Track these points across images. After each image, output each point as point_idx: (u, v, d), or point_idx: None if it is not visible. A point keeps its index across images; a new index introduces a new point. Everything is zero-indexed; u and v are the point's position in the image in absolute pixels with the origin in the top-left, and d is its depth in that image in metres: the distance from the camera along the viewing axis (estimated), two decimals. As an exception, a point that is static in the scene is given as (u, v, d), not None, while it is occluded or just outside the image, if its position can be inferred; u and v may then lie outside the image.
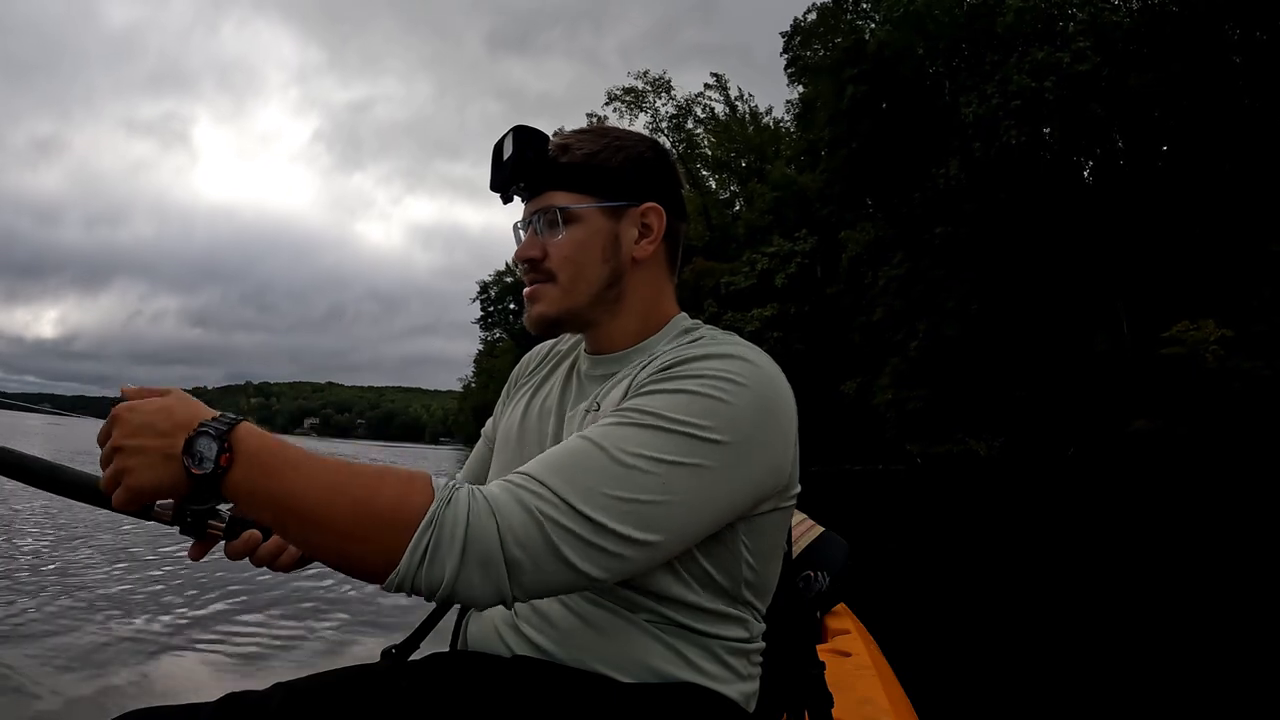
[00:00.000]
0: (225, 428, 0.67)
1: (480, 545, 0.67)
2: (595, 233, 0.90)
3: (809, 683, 0.99)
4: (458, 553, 0.66)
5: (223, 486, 0.67)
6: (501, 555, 0.67)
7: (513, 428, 1.01)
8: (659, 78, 44.29)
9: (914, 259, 24.74)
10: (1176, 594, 6.06)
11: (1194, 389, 19.99)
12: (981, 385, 23.42)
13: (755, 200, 35.61)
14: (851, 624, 1.70)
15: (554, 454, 0.74)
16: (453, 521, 0.66)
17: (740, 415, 0.76)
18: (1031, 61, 22.23)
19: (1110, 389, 21.83)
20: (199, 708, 0.73)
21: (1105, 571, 7.24)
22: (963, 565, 7.45)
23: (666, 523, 0.72)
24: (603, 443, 0.73)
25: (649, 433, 0.73)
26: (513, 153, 0.89)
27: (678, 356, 0.81)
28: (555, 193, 0.90)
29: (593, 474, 0.71)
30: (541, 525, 0.68)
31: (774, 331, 29.19)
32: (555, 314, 0.92)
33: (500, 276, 69.03)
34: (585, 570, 0.70)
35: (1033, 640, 4.33)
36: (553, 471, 0.71)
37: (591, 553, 0.70)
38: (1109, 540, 9.88)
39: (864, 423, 26.66)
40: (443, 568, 0.66)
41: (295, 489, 0.67)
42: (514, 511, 0.68)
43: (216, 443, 0.66)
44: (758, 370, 0.79)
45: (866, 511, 13.02)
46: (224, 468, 0.66)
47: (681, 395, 0.76)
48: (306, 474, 0.67)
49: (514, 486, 0.71)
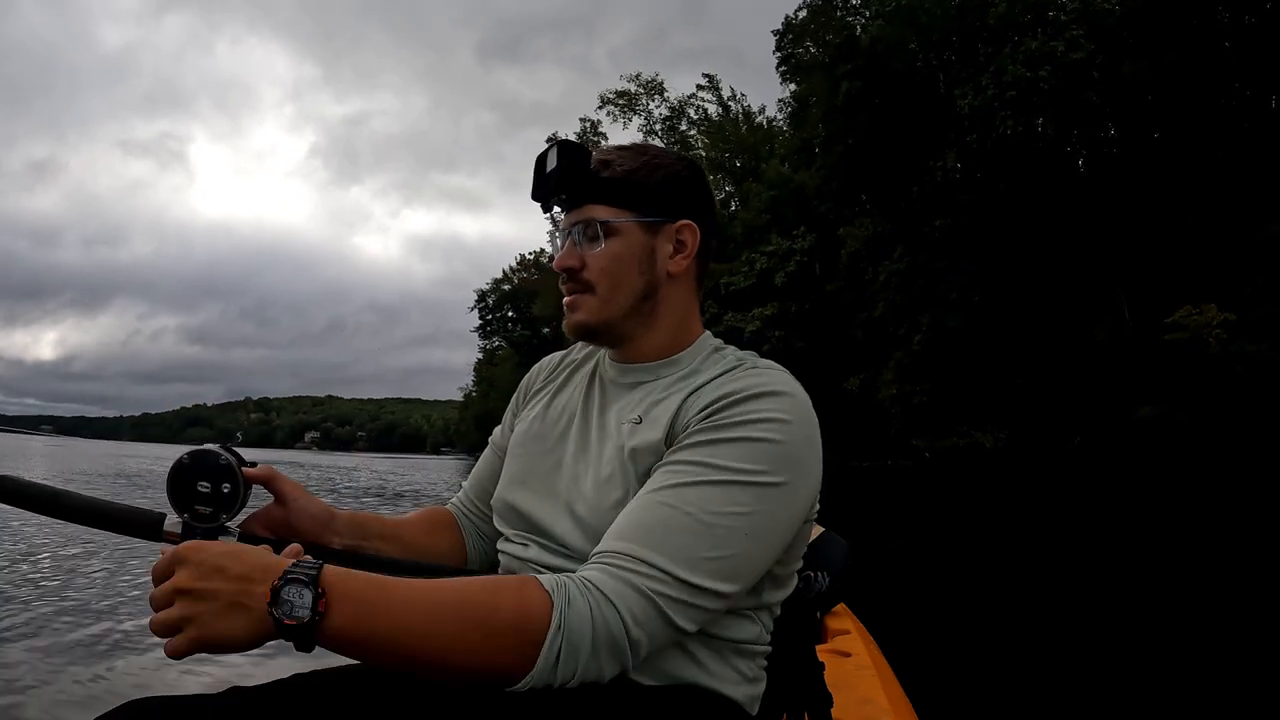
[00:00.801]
0: (315, 572, 0.66)
1: (608, 638, 0.72)
2: (633, 246, 0.93)
3: (809, 683, 1.02)
4: (588, 649, 0.71)
5: (318, 634, 0.66)
6: (627, 642, 0.73)
7: (531, 430, 1.03)
8: (651, 80, 44.39)
9: (914, 253, 24.73)
10: (1182, 586, 5.99)
11: (1197, 374, 20.00)
12: (986, 377, 23.39)
13: (751, 199, 35.58)
14: (851, 624, 1.71)
15: (641, 525, 0.78)
16: (579, 623, 0.71)
17: (793, 453, 0.81)
18: (1025, 51, 22.24)
19: (1114, 376, 21.82)
20: (202, 699, 0.74)
21: (1110, 565, 7.19)
22: (964, 564, 7.39)
23: (748, 569, 0.79)
24: (684, 506, 0.77)
25: (722, 489, 0.78)
26: (557, 165, 0.91)
27: (724, 395, 0.84)
28: (596, 206, 0.93)
29: (686, 541, 0.76)
30: (656, 604, 0.74)
31: (775, 331, 29.14)
32: (593, 323, 0.95)
33: (498, 284, 68.69)
34: (684, 627, 0.76)
35: (1034, 639, 4.27)
36: (649, 547, 0.76)
37: (692, 612, 0.76)
38: (1115, 531, 9.84)
39: (868, 419, 26.60)
40: (575, 663, 0.71)
41: (405, 625, 0.68)
42: (631, 598, 0.73)
43: (310, 589, 0.65)
44: (798, 404, 0.84)
45: (875, 509, 12.99)
46: (320, 614, 0.66)
47: (742, 444, 0.80)
48: (414, 608, 0.69)
49: (621, 571, 0.75)
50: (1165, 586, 6.03)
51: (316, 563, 0.68)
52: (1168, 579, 6.39)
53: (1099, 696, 3.22)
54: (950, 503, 14.89)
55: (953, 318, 23.28)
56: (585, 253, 0.93)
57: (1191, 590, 5.85)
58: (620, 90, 44.27)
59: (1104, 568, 7.04)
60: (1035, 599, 5.47)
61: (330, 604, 0.66)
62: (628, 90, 44.21)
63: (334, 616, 0.66)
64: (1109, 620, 4.81)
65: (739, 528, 0.77)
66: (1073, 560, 7.53)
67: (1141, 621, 4.78)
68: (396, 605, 0.68)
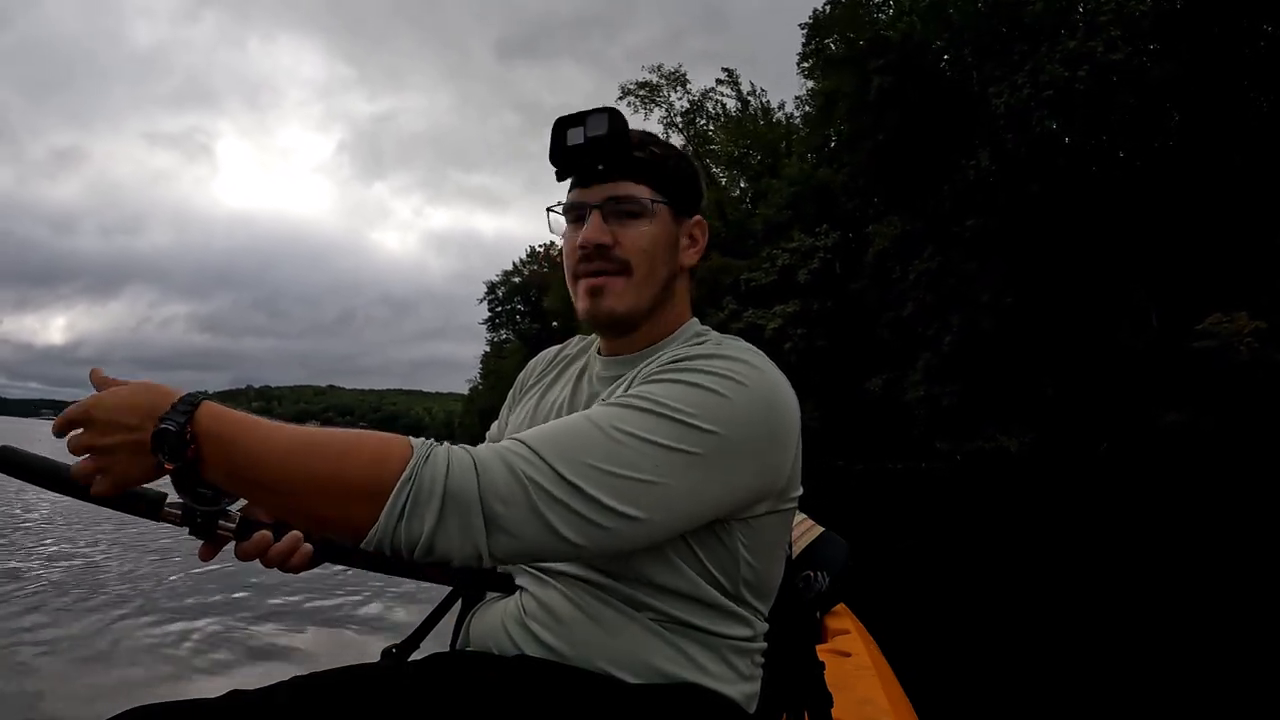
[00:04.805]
0: (184, 418, 0.67)
1: (459, 498, 0.68)
2: (667, 232, 0.92)
3: (809, 683, 1.00)
4: (437, 505, 0.67)
5: (202, 471, 0.69)
6: (480, 508, 0.68)
7: (521, 428, 1.00)
8: (674, 71, 43.82)
9: (944, 252, 24.45)
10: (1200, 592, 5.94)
11: (1227, 382, 19.79)
12: (1013, 380, 23.17)
13: (771, 196, 35.25)
14: (851, 624, 1.71)
15: (548, 426, 0.76)
16: (431, 476, 0.68)
17: (737, 413, 0.77)
18: (1063, 51, 21.94)
19: (1142, 383, 21.61)
20: (202, 704, 0.73)
21: (1126, 570, 7.24)
22: (970, 567, 7.39)
23: (651, 501, 0.73)
24: (597, 420, 0.75)
25: (644, 415, 0.75)
26: (606, 131, 0.86)
27: (685, 354, 0.84)
28: (633, 184, 0.89)
29: (583, 446, 0.72)
30: (525, 486, 0.70)
31: (797, 329, 28.85)
32: (625, 310, 0.91)
33: (508, 277, 68.34)
34: (566, 535, 0.71)
35: (1035, 640, 4.24)
36: (542, 439, 0.73)
37: (573, 518, 0.71)
38: (1136, 537, 9.87)
39: (891, 420, 26.36)
40: (421, 522, 0.67)
41: (263, 463, 0.68)
42: (497, 469, 0.70)
43: (178, 435, 0.67)
44: (760, 374, 0.81)
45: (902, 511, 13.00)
46: (191, 460, 0.68)
47: (680, 386, 0.77)
48: (272, 446, 0.68)
49: (500, 449, 0.72)
50: (1182, 592, 5.97)
51: (194, 401, 0.69)
52: (1185, 585, 6.33)
53: (1099, 697, 3.18)
54: (975, 506, 14.88)
55: (985, 319, 23.03)
56: (619, 230, 0.89)
57: (1208, 596, 5.79)
58: (642, 81, 43.74)
59: (1119, 573, 7.04)
60: (1040, 602, 5.43)
61: (199, 445, 0.68)
62: (649, 81, 43.68)
63: (204, 456, 0.68)
64: (1116, 624, 4.74)
65: (648, 454, 0.73)
66: (1086, 565, 7.50)
67: (1153, 626, 4.71)
68: (256, 443, 0.68)
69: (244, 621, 3.93)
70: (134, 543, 6.19)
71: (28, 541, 6.13)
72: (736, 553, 0.84)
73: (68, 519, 7.32)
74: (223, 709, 0.73)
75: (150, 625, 3.79)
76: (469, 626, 0.96)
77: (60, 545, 6.05)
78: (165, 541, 6.09)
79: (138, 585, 4.68)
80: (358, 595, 4.57)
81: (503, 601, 0.93)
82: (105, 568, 5.21)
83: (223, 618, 3.98)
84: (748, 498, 0.81)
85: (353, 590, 4.63)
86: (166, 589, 4.61)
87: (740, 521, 0.83)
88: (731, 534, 0.83)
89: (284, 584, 4.57)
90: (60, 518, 7.46)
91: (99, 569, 5.16)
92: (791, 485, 0.85)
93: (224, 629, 3.78)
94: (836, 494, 15.74)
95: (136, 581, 4.79)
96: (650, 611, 0.83)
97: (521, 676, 0.82)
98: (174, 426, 0.67)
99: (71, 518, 7.36)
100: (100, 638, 3.55)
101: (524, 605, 0.88)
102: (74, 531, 6.68)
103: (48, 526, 7.01)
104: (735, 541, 0.84)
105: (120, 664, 3.19)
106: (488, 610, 0.94)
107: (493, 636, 0.89)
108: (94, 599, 4.28)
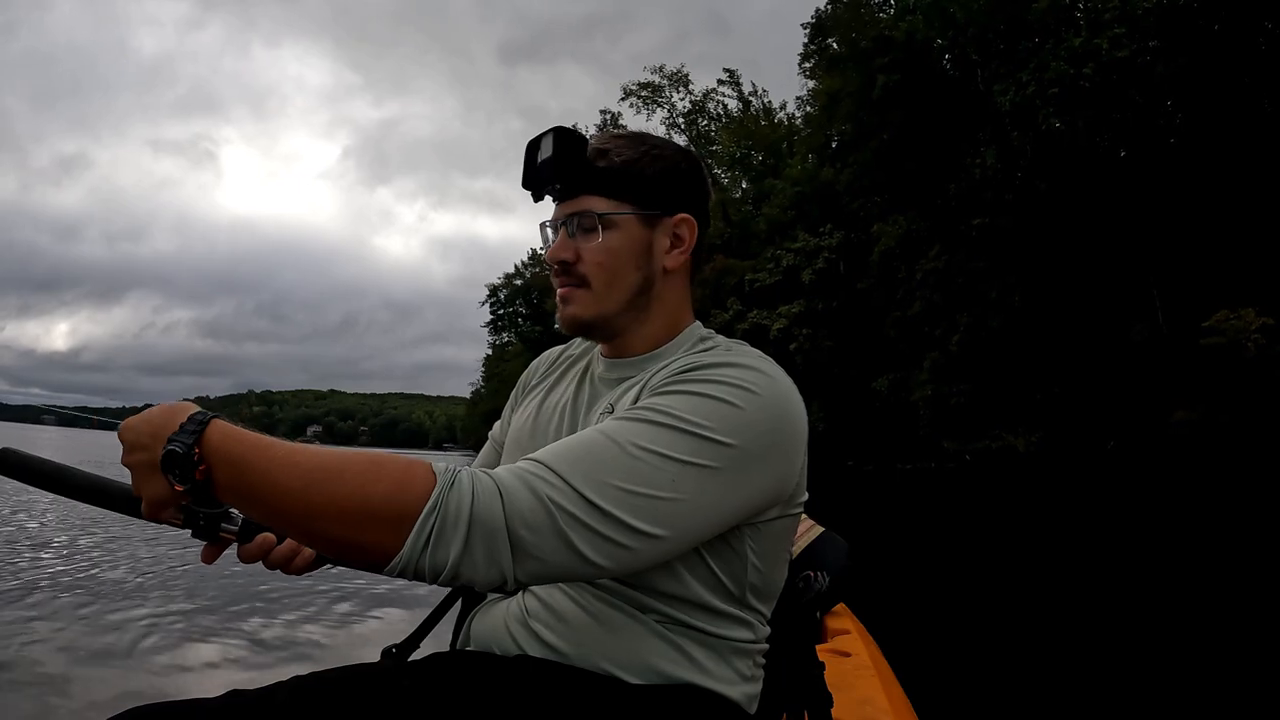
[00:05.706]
0: (191, 438, 0.66)
1: (486, 525, 0.66)
2: (630, 240, 0.90)
3: (809, 683, 0.99)
4: (463, 533, 0.66)
5: (215, 492, 0.67)
6: (507, 535, 0.67)
7: (524, 429, 1.01)
8: (676, 72, 43.80)
9: (951, 251, 24.35)
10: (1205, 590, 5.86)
11: (1234, 379, 19.68)
12: (1020, 379, 23.06)
13: (774, 196, 35.17)
14: (851, 624, 1.70)
15: (565, 444, 0.75)
16: (457, 503, 0.66)
17: (752, 422, 0.77)
18: (1069, 48, 21.83)
19: (1149, 380, 21.50)
20: (202, 703, 0.73)
21: (1133, 568, 7.17)
22: (971, 566, 7.29)
23: (673, 519, 0.73)
24: (615, 436, 0.74)
25: (661, 430, 0.74)
26: (552, 153, 0.87)
27: (695, 362, 0.83)
28: (591, 197, 0.89)
29: (603, 465, 0.71)
30: (550, 511, 0.68)
31: (803, 329, 28.75)
32: (588, 318, 0.92)
33: (510, 280, 68.30)
34: (591, 558, 0.70)
35: (1035, 640, 4.22)
36: (563, 460, 0.72)
37: (598, 541, 0.70)
38: (1144, 536, 9.81)
39: (896, 420, 26.25)
40: (447, 550, 0.66)
41: (282, 486, 0.66)
42: (522, 494, 0.68)
43: (185, 455, 0.66)
44: (772, 382, 0.81)
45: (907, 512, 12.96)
46: (201, 481, 0.66)
47: (695, 398, 0.77)
48: (292, 470, 0.66)
49: (522, 471, 0.71)
50: (1189, 591, 5.88)
51: (203, 421, 0.67)
52: (1193, 584, 6.23)
53: (1103, 697, 3.15)
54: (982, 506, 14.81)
55: (993, 318, 22.92)
56: (580, 245, 0.90)
57: (1216, 594, 5.69)
58: (644, 81, 43.74)
59: (1126, 571, 6.90)
60: (1043, 602, 5.36)
61: (211, 467, 0.66)
62: (651, 81, 43.66)
63: (216, 479, 0.67)
64: (1122, 623, 4.69)
65: (667, 471, 0.72)
66: (1093, 564, 7.40)
67: (1160, 625, 4.66)
68: (275, 467, 0.66)
69: (244, 621, 3.93)
70: (134, 543, 6.20)
71: (27, 541, 6.13)
72: (745, 558, 0.84)
73: (68, 519, 7.34)
74: (222, 709, 0.73)
75: (150, 625, 3.78)
76: (470, 626, 0.96)
77: (60, 545, 6.05)
78: (166, 542, 6.11)
79: (138, 585, 4.68)
80: (358, 595, 4.58)
81: (505, 601, 0.93)
82: (106, 568, 5.20)
83: (223, 618, 3.99)
84: (761, 505, 0.81)
85: (353, 590, 4.65)
86: (167, 589, 4.62)
87: (750, 527, 0.83)
88: (741, 539, 0.83)
89: (284, 584, 4.55)
90: (61, 518, 7.48)
91: (100, 569, 5.14)
92: (799, 490, 0.85)
93: (224, 629, 3.78)
94: (845, 495, 15.66)
95: (137, 582, 4.79)
96: (655, 614, 0.83)
97: (523, 676, 0.82)
98: (181, 448, 0.65)
99: (72, 518, 7.39)
100: (100, 637, 3.53)
101: (527, 605, 0.88)
102: (75, 532, 6.68)
103: (48, 527, 7.01)
104: (744, 547, 0.84)
105: (120, 664, 3.17)
106: (489, 610, 0.94)
107: (495, 636, 0.89)
108: (94, 599, 4.27)
